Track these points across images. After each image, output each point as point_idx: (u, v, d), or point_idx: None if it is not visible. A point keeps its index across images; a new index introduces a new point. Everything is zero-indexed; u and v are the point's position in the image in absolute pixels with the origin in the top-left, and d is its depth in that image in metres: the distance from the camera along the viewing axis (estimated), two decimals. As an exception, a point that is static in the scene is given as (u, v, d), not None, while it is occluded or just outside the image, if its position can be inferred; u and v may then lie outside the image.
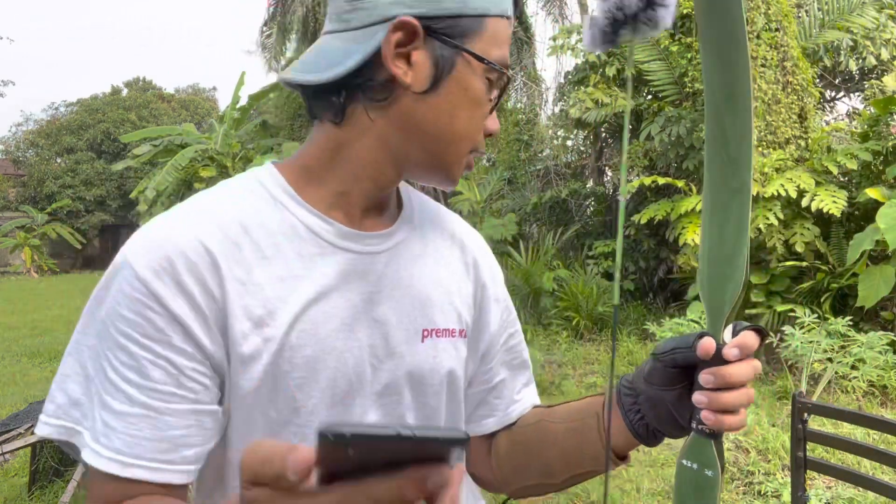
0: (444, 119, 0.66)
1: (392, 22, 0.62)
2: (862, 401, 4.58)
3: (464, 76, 0.65)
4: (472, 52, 0.65)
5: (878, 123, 5.62)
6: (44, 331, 9.67)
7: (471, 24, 0.64)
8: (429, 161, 0.69)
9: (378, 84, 0.64)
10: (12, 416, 3.15)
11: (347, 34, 0.65)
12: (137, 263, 0.61)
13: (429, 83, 0.64)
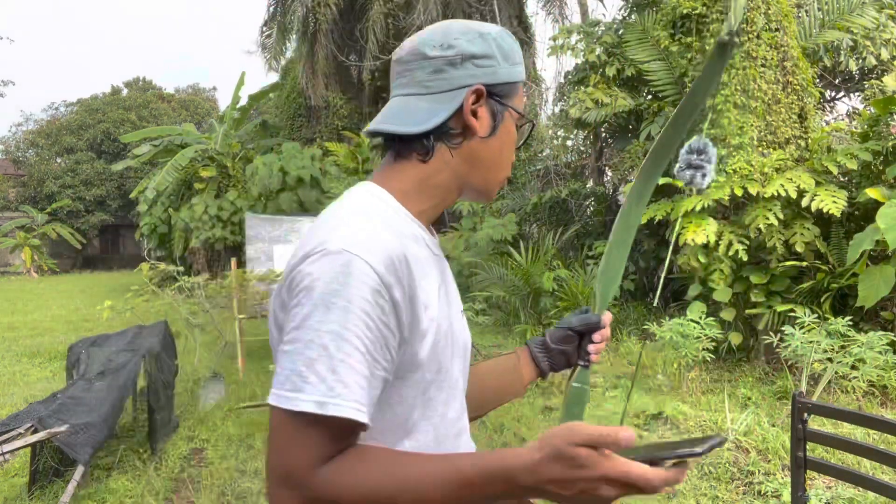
0: (496, 156, 0.95)
1: (469, 88, 0.90)
2: (862, 401, 4.58)
3: (508, 125, 0.95)
4: (514, 107, 0.94)
5: (878, 123, 5.61)
6: (44, 331, 9.67)
7: (512, 89, 0.94)
8: (483, 186, 0.96)
9: (456, 132, 0.91)
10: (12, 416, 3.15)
11: (431, 96, 0.90)
12: (372, 260, 0.77)
13: (489, 131, 0.92)
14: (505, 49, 0.93)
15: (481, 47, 0.91)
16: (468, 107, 0.89)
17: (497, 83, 0.92)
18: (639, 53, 7.47)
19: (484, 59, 0.91)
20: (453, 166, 0.92)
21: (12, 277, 24.03)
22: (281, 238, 6.79)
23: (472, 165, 0.93)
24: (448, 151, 0.91)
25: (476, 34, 0.92)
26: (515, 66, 0.94)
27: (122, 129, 27.86)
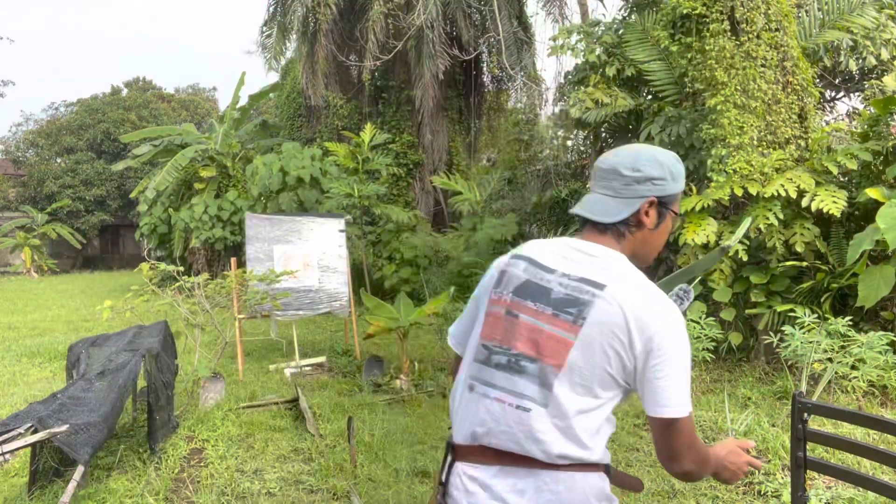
0: (657, 241, 1.46)
1: (647, 199, 1.40)
2: (862, 401, 4.58)
3: (668, 221, 1.45)
4: (673, 210, 1.45)
5: (878, 123, 5.61)
6: (44, 331, 9.67)
7: (674, 198, 1.44)
8: (644, 258, 1.46)
9: (633, 224, 1.42)
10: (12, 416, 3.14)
11: (620, 199, 1.41)
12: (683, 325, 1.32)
13: (654, 225, 1.43)
14: (675, 173, 1.43)
15: (659, 172, 1.40)
16: (643, 209, 1.40)
17: (665, 195, 1.41)
18: (639, 53, 7.47)
19: (659, 180, 1.40)
20: (632, 243, 1.42)
21: (12, 277, 24.03)
22: (281, 238, 6.79)
23: (642, 245, 1.44)
24: (629, 234, 1.42)
25: (657, 162, 1.41)
26: (679, 183, 1.44)
27: (122, 129, 27.84)
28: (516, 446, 1.27)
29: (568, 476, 1.26)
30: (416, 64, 12.90)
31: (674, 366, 1.25)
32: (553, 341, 1.27)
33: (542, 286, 1.34)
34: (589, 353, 1.25)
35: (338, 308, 6.81)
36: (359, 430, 4.30)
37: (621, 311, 1.24)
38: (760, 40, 5.78)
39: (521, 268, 1.41)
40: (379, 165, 10.68)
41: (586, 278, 1.31)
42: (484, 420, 1.31)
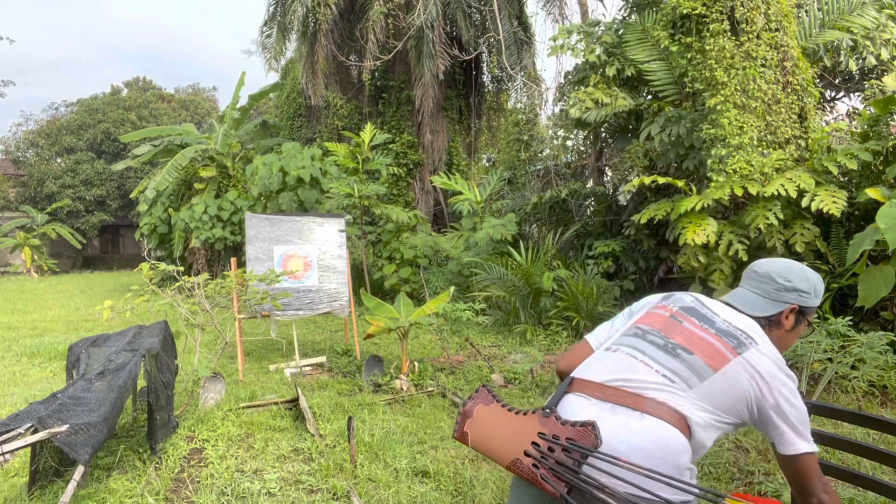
0: (790, 341, 1.77)
1: (790, 305, 1.73)
2: (862, 401, 4.58)
3: (801, 327, 1.76)
4: (808, 320, 1.77)
5: (878, 123, 5.62)
6: (44, 331, 9.67)
7: (812, 309, 1.76)
8: (784, 349, 1.71)
9: (775, 322, 1.73)
10: (12, 416, 3.14)
11: (768, 300, 1.74)
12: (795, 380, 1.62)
13: (791, 327, 1.74)
14: (818, 290, 1.73)
15: (806, 287, 1.72)
16: (785, 313, 1.72)
17: (805, 306, 1.73)
18: (639, 53, 7.47)
19: (805, 293, 1.72)
20: (770, 338, 1.65)
21: (12, 277, 24.03)
22: (281, 238, 6.79)
23: (777, 341, 1.68)
24: (768, 329, 1.70)
25: (806, 279, 1.72)
26: (818, 300, 1.73)
27: (122, 129, 27.86)
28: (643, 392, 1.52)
29: (665, 427, 1.47)
30: (416, 64, 12.91)
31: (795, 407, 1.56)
32: (714, 349, 1.58)
33: (707, 316, 1.68)
34: (733, 382, 1.54)
35: (338, 308, 6.81)
36: (359, 430, 4.30)
37: (767, 364, 1.56)
38: (760, 40, 5.78)
39: (690, 299, 1.75)
40: (379, 165, 10.68)
41: (744, 330, 1.63)
42: (625, 370, 1.58)
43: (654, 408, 1.48)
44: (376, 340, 7.49)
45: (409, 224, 11.13)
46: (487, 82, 15.98)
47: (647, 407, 1.49)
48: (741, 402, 1.54)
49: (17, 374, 6.63)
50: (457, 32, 13.73)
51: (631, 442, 1.44)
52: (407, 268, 10.59)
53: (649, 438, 1.45)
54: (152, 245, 15.66)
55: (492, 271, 8.74)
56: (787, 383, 1.56)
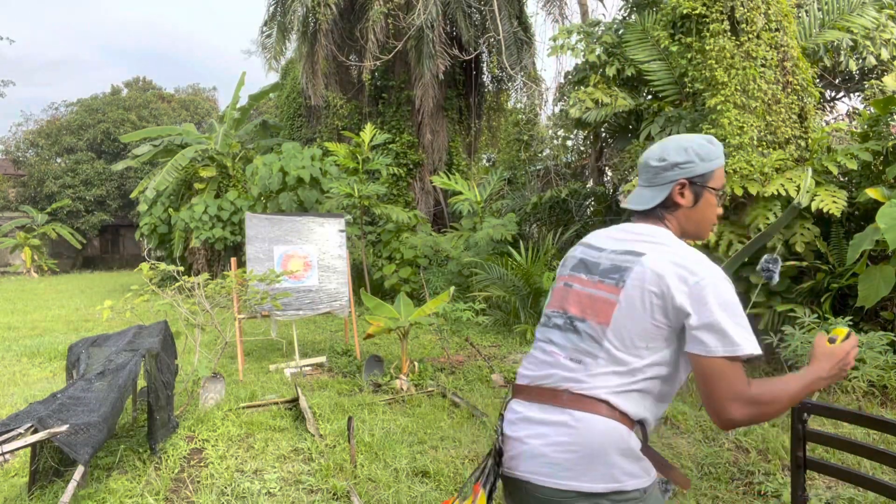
0: (703, 216, 1.59)
1: (676, 182, 1.56)
2: (862, 401, 4.58)
3: (707, 197, 1.58)
4: (710, 186, 1.57)
5: (878, 123, 5.62)
6: (44, 331, 9.66)
7: (708, 175, 1.57)
8: (695, 234, 1.61)
9: (671, 205, 1.58)
10: (12, 416, 3.14)
11: (653, 188, 1.59)
12: (723, 276, 1.46)
13: (692, 203, 1.57)
14: (702, 154, 1.56)
15: (684, 157, 1.56)
16: (675, 192, 1.56)
17: (694, 175, 1.56)
18: (639, 53, 7.47)
19: (686, 164, 1.55)
20: (675, 223, 1.58)
21: (12, 277, 24.03)
22: (281, 238, 6.79)
23: (687, 222, 1.58)
24: (669, 216, 1.58)
25: (681, 149, 1.57)
26: (710, 162, 1.56)
27: (122, 129, 27.85)
28: (558, 385, 1.49)
29: (589, 417, 1.42)
30: (416, 64, 12.90)
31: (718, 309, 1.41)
32: (600, 303, 1.49)
33: (593, 262, 1.58)
34: (631, 311, 1.44)
35: (338, 308, 6.81)
36: (359, 430, 4.30)
37: (659, 269, 1.42)
38: (760, 40, 5.78)
39: (578, 251, 1.67)
40: (379, 165, 10.68)
41: (629, 250, 1.51)
42: (540, 366, 1.55)
43: (572, 401, 1.44)
44: (376, 340, 7.49)
45: (409, 224, 11.13)
46: (487, 82, 15.98)
47: (566, 401, 1.45)
48: (649, 325, 1.42)
49: (17, 374, 6.63)
50: (457, 32, 13.73)
51: (554, 441, 1.43)
52: (407, 268, 10.59)
53: (569, 434, 1.42)
54: (152, 245, 15.66)
55: (492, 271, 8.74)
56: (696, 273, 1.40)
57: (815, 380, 1.42)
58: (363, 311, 8.97)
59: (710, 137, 1.60)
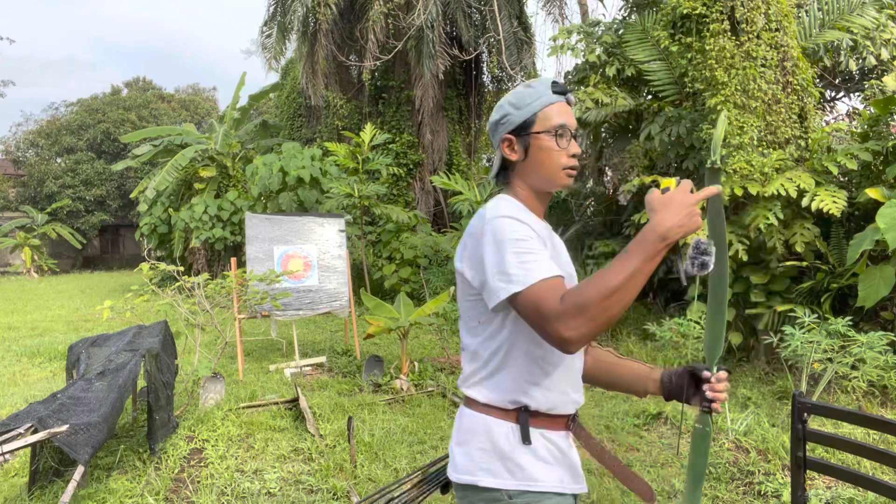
0: (540, 163, 1.42)
1: (503, 141, 1.44)
2: (862, 401, 4.58)
3: (539, 142, 1.41)
4: (535, 131, 1.40)
5: (878, 123, 5.61)
6: (44, 331, 9.66)
7: (531, 121, 1.41)
8: (545, 185, 1.44)
9: (510, 166, 1.46)
10: (12, 416, 3.14)
11: (495, 152, 1.48)
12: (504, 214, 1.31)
13: (522, 155, 1.43)
14: (515, 103, 1.43)
15: (500, 114, 1.45)
16: (506, 151, 1.44)
17: (515, 126, 1.42)
18: (639, 53, 7.46)
19: (503, 119, 1.45)
20: (518, 181, 1.45)
21: (12, 277, 24.03)
22: (281, 238, 6.79)
23: (527, 176, 1.44)
24: (512, 176, 1.46)
25: (498, 107, 1.47)
26: (524, 109, 1.41)
27: (122, 129, 27.85)
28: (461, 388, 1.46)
29: (461, 413, 1.43)
30: (416, 64, 12.90)
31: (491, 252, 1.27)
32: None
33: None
34: (459, 291, 1.43)
35: (338, 308, 6.81)
36: (359, 430, 4.30)
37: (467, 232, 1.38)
38: (760, 40, 5.78)
39: None
40: (379, 165, 10.68)
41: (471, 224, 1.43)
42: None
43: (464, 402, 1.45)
44: (376, 340, 7.49)
45: (409, 224, 11.12)
46: (487, 82, 15.98)
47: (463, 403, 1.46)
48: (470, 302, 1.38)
49: (17, 374, 6.63)
50: (457, 32, 13.73)
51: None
52: (407, 268, 10.59)
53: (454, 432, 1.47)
54: (152, 245, 15.66)
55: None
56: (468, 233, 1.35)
57: (658, 235, 1.15)
58: (363, 311, 8.97)
59: (533, 80, 1.46)
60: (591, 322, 1.13)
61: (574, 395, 1.43)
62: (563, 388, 1.39)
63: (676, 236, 1.16)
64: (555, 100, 1.41)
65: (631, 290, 1.14)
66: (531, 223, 1.33)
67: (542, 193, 1.46)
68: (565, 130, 1.39)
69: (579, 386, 1.46)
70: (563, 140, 1.39)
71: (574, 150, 1.40)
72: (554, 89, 1.41)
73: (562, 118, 1.40)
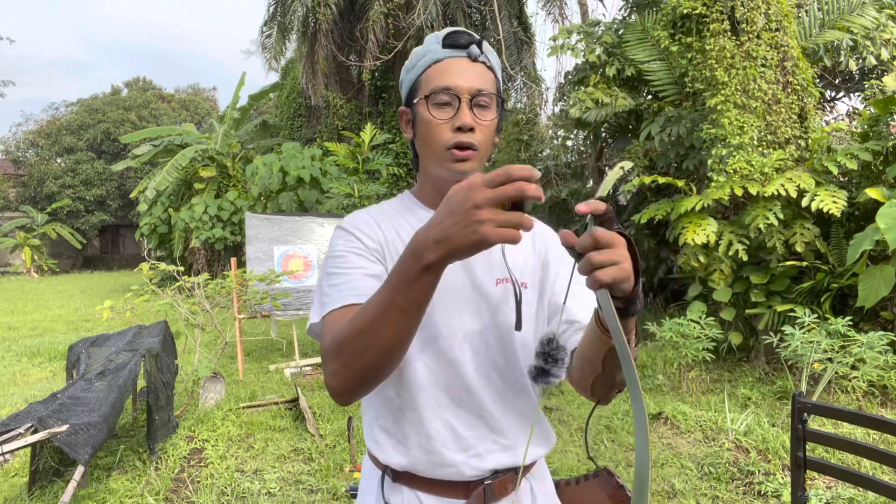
0: (422, 148, 1.10)
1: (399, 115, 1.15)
2: (862, 401, 4.58)
3: (420, 112, 1.07)
4: (415, 102, 1.08)
5: (878, 123, 5.61)
6: (44, 331, 9.66)
7: (416, 85, 1.08)
8: (432, 169, 1.09)
9: (412, 146, 1.15)
10: (12, 416, 3.14)
11: None
12: (341, 224, 1.12)
13: (412, 131, 1.12)
14: (406, 66, 1.12)
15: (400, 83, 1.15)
16: (403, 127, 1.15)
17: (405, 97, 1.13)
18: (639, 53, 7.46)
19: (402, 88, 1.14)
20: (421, 167, 1.14)
21: (12, 277, 24.03)
22: (281, 238, 6.79)
23: (423, 160, 1.12)
24: (419, 161, 1.14)
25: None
26: (411, 72, 1.10)
27: (122, 129, 27.86)
28: None
29: None
30: (416, 64, 12.90)
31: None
32: None
33: None
34: None
35: (338, 308, 6.81)
36: (359, 430, 4.30)
37: None
38: (760, 40, 5.78)
39: None
40: (379, 165, 10.68)
41: None
42: None
43: None
44: (376, 340, 7.48)
45: (409, 224, 11.11)
46: (487, 82, 15.97)
47: None
48: None
49: (17, 374, 6.64)
50: (457, 32, 13.72)
51: None
52: (407, 268, 10.58)
53: None
54: (152, 245, 15.67)
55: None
56: None
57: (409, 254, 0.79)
58: (363, 311, 8.95)
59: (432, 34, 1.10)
60: (345, 369, 0.87)
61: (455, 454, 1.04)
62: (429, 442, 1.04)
63: (434, 255, 0.75)
64: (443, 55, 1.05)
65: (383, 330, 0.82)
66: (372, 233, 1.07)
67: (443, 182, 1.05)
68: (448, 95, 1.02)
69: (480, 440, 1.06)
70: (442, 109, 1.03)
71: (461, 121, 1.01)
72: (445, 42, 1.05)
73: (445, 79, 1.03)
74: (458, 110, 1.02)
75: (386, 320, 0.81)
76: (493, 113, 1.06)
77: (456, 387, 1.05)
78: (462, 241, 0.73)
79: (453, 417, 1.05)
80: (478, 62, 1.05)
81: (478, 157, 1.04)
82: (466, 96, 1.03)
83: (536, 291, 1.13)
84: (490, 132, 1.06)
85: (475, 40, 1.05)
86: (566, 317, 1.07)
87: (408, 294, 0.79)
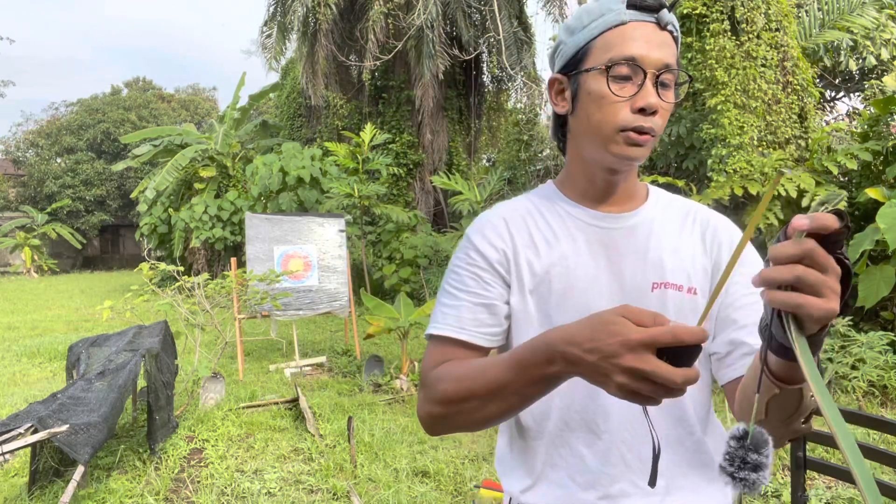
0: (584, 127, 0.93)
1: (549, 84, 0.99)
2: (862, 401, 4.58)
3: (588, 86, 0.90)
4: (585, 68, 0.90)
5: (878, 123, 5.62)
6: (44, 331, 9.66)
7: (584, 51, 0.90)
8: (596, 153, 0.93)
9: (562, 124, 1.00)
10: (12, 416, 3.14)
11: None
12: (468, 230, 1.02)
13: (571, 108, 0.95)
14: (570, 26, 0.94)
15: (556, 46, 0.98)
16: (551, 98, 0.98)
17: (565, 63, 0.94)
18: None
19: (557, 52, 0.97)
20: (572, 148, 1.00)
21: (12, 277, 24.03)
22: (281, 238, 6.79)
23: (579, 139, 0.96)
24: (568, 144, 1.01)
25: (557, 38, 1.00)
26: (579, 33, 0.92)
27: (122, 129, 27.86)
28: None
29: None
30: (416, 64, 12.90)
31: None
32: None
33: None
34: None
35: (338, 308, 6.81)
36: (359, 430, 4.30)
37: None
38: (760, 40, 5.78)
39: None
40: (379, 165, 10.68)
41: None
42: None
43: None
44: (376, 340, 7.49)
45: (409, 224, 11.12)
46: (487, 82, 15.98)
47: None
48: None
49: (17, 374, 6.63)
50: (457, 32, 13.73)
51: None
52: (407, 268, 10.59)
53: None
54: (152, 245, 15.66)
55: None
56: None
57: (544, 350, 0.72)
58: (363, 311, 8.97)
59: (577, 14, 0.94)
60: (446, 420, 0.86)
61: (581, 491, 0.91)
62: (553, 471, 0.94)
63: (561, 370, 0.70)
64: (628, 17, 0.86)
65: (494, 404, 0.79)
66: (497, 242, 0.97)
67: (600, 169, 0.95)
68: (630, 68, 0.86)
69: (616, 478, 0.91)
70: (623, 84, 0.86)
71: (645, 101, 0.85)
72: (630, 1, 0.87)
73: (630, 47, 0.86)
74: (641, 87, 0.86)
75: (500, 397, 0.78)
76: (674, 93, 0.90)
77: (592, 410, 0.91)
78: (590, 379, 0.67)
79: (585, 446, 0.91)
80: (665, 30, 0.87)
81: (652, 144, 0.90)
82: (653, 71, 0.85)
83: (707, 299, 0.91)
84: (668, 116, 0.91)
85: (665, 3, 0.87)
86: (732, 336, 0.89)
87: (527, 386, 0.75)
